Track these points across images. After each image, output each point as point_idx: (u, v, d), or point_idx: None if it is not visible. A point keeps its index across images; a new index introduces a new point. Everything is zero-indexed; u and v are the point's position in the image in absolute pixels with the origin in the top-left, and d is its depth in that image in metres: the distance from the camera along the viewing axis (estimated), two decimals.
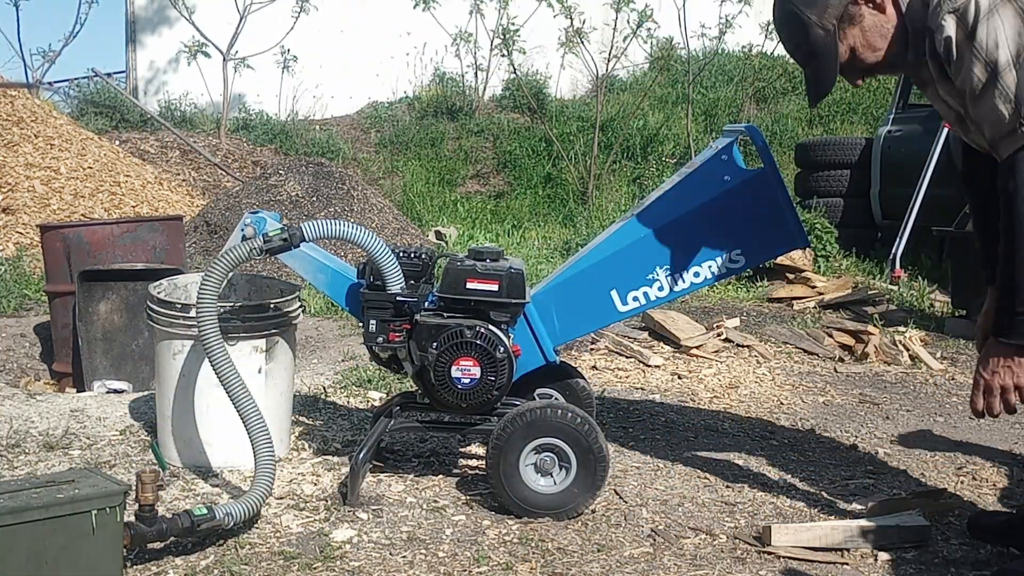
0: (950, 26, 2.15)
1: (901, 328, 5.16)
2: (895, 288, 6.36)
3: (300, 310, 3.14)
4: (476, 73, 12.44)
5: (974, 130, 2.31)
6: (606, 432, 3.39)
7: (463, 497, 2.85)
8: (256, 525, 2.58)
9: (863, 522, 2.60)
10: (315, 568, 2.37)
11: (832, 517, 2.77)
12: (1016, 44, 2.10)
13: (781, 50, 11.58)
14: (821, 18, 2.30)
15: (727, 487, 3.02)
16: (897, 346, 4.84)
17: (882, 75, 2.47)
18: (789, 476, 3.14)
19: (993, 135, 2.19)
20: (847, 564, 2.48)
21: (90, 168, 8.21)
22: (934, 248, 7.14)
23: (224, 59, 10.97)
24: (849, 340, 5.01)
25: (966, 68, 2.15)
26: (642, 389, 4.21)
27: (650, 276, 2.87)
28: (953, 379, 4.52)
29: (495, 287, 2.76)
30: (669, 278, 2.86)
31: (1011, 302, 2.18)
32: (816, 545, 2.55)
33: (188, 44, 11.19)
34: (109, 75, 12.42)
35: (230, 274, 2.68)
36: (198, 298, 2.60)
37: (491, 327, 2.75)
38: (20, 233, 7.06)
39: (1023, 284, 2.14)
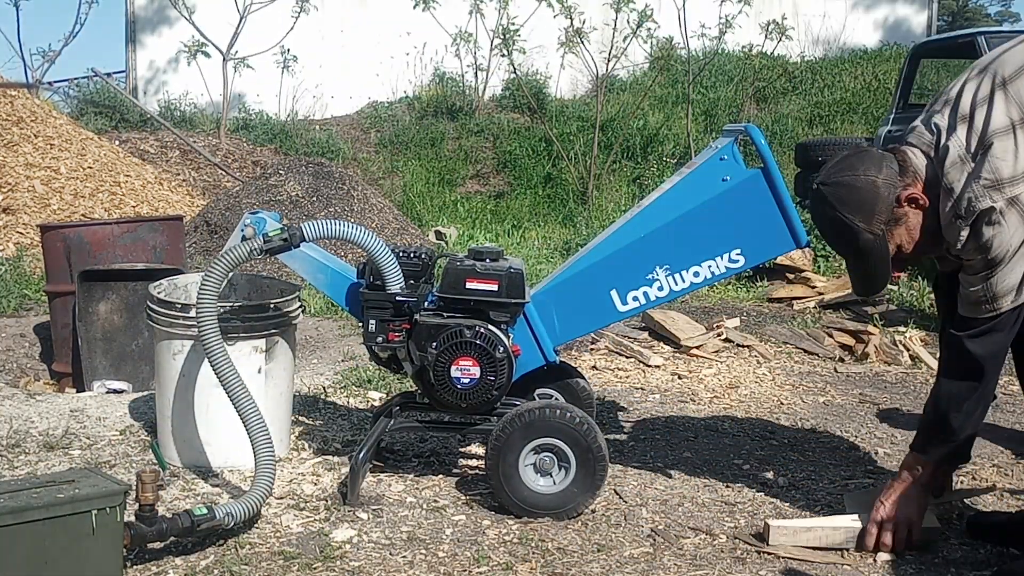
0: (964, 237, 2.32)
1: (901, 328, 5.16)
2: (895, 288, 6.36)
3: (300, 310, 3.14)
4: (476, 73, 12.45)
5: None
6: (606, 432, 3.39)
7: (463, 497, 2.85)
8: (256, 525, 2.58)
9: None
10: (315, 568, 2.37)
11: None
12: (1015, 245, 2.30)
13: (781, 50, 11.66)
14: (870, 224, 2.38)
15: (727, 487, 3.02)
16: (897, 346, 4.84)
17: (924, 259, 2.64)
18: (789, 476, 3.13)
19: (964, 297, 2.43)
20: (847, 564, 2.48)
21: (90, 168, 8.21)
22: None
23: (224, 59, 10.97)
24: (849, 340, 5.01)
25: (971, 255, 2.36)
26: (642, 389, 4.21)
27: (650, 276, 2.87)
28: None
29: (495, 287, 2.76)
30: (669, 278, 2.86)
31: (929, 427, 2.56)
32: (816, 545, 2.55)
33: (188, 44, 11.20)
34: (109, 75, 12.44)
35: (230, 274, 2.68)
36: (198, 298, 2.60)
37: (491, 327, 2.75)
38: (20, 233, 7.06)
39: (939, 422, 2.52)
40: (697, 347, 4.78)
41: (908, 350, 4.81)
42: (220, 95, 11.25)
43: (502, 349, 2.73)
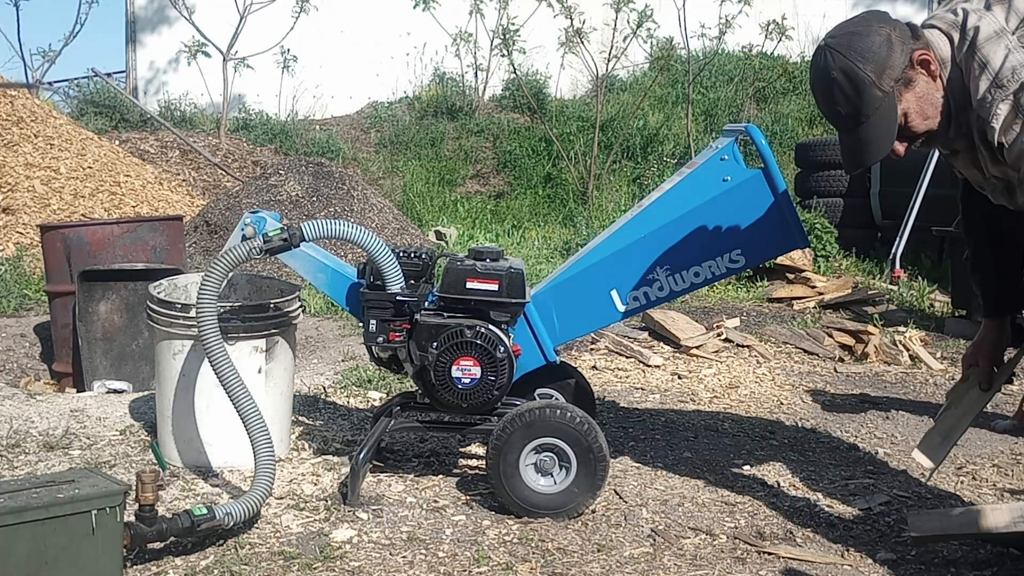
0: (1003, 111, 2.11)
1: (901, 328, 5.16)
2: (895, 288, 6.36)
3: (300, 310, 3.14)
4: (476, 73, 12.44)
5: (1004, 199, 2.33)
6: (606, 432, 3.39)
7: (463, 497, 2.85)
8: (256, 525, 2.58)
9: None
10: (315, 568, 2.37)
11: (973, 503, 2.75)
12: None
13: (781, 50, 11.64)
14: (880, 78, 2.17)
15: (727, 487, 3.02)
16: (897, 346, 4.84)
17: (924, 148, 2.36)
18: (789, 476, 3.13)
19: None
20: (847, 564, 2.48)
21: (90, 168, 8.21)
22: (934, 248, 7.14)
23: (224, 59, 10.96)
24: (849, 340, 5.01)
25: (1021, 145, 2.12)
26: (642, 389, 4.21)
27: (650, 276, 2.87)
28: (953, 379, 4.51)
29: (495, 287, 2.76)
30: (669, 278, 2.86)
31: None
32: (970, 532, 2.41)
33: (188, 44, 11.19)
34: (109, 75, 12.43)
35: (230, 274, 2.68)
36: (198, 298, 2.60)
37: (491, 327, 2.75)
38: (20, 233, 7.06)
39: None
40: (697, 347, 4.78)
41: (908, 350, 4.81)
42: (220, 95, 11.24)
43: (503, 349, 2.73)
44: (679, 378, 4.39)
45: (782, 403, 4.05)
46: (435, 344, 2.72)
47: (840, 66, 2.19)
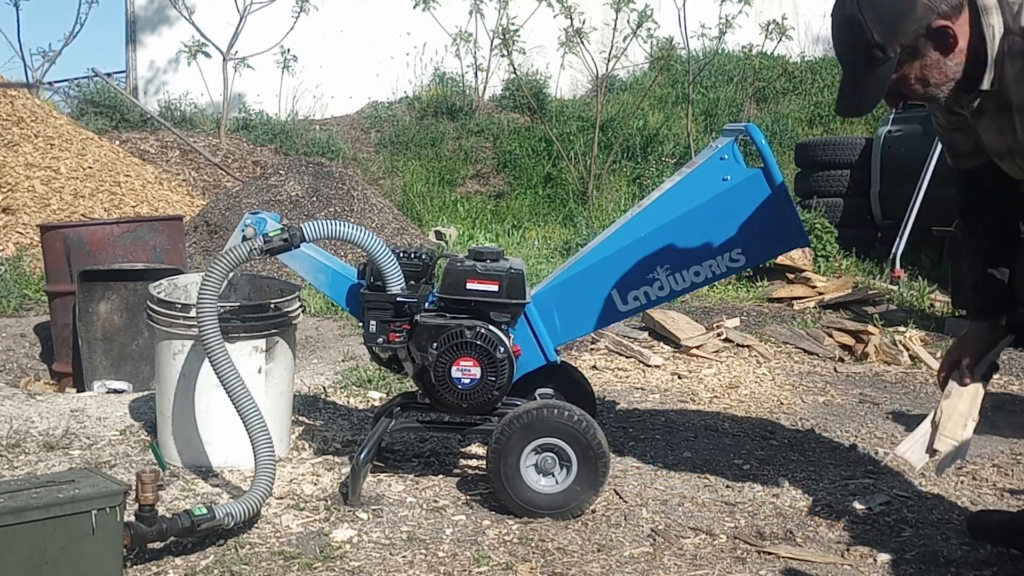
0: None
1: (901, 328, 5.16)
2: (895, 288, 6.36)
3: (300, 310, 3.14)
4: (476, 73, 12.44)
5: (1015, 161, 2.27)
6: (606, 432, 3.39)
7: (463, 497, 2.85)
8: (256, 525, 2.58)
9: None
10: (315, 568, 2.37)
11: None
12: None
13: (781, 50, 11.65)
14: (886, 41, 2.08)
15: (727, 487, 3.02)
16: (897, 346, 4.84)
17: (918, 102, 2.28)
18: (789, 476, 3.13)
19: None
20: (847, 564, 2.48)
21: (90, 168, 8.21)
22: (934, 248, 7.14)
23: (224, 59, 10.97)
24: (849, 340, 5.01)
25: None
26: (642, 389, 4.21)
27: (650, 276, 2.87)
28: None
29: (495, 287, 2.76)
30: (669, 277, 2.86)
31: None
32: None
33: (188, 44, 11.19)
34: (109, 75, 12.43)
35: (230, 274, 2.68)
36: (198, 298, 2.60)
37: (491, 327, 2.75)
38: (20, 233, 7.06)
39: None
40: (697, 347, 4.78)
41: (908, 350, 4.81)
42: (220, 95, 11.24)
43: (503, 349, 2.73)
44: (679, 378, 4.39)
45: (782, 403, 4.05)
46: (435, 345, 2.72)
47: (850, 15, 2.11)
